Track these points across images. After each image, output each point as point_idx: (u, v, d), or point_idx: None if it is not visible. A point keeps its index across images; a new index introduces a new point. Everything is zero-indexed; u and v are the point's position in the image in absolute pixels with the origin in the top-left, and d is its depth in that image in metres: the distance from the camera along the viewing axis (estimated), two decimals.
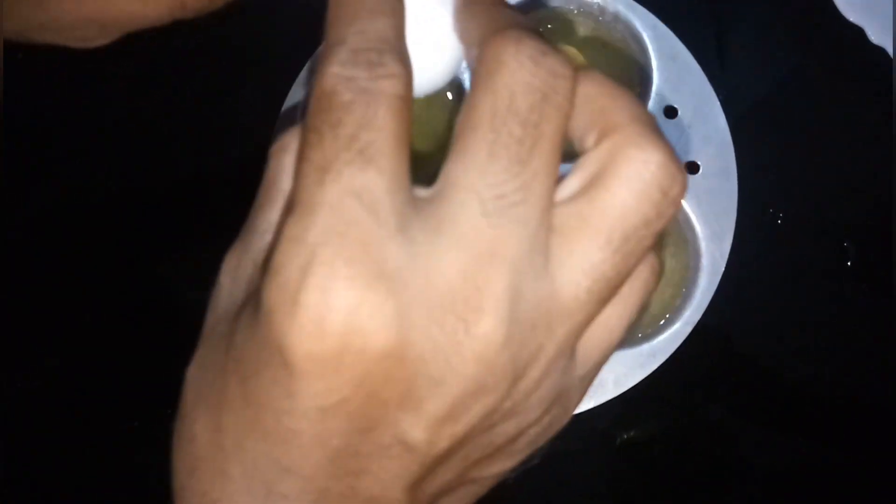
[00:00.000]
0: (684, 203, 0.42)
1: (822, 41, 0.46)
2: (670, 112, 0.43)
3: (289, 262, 0.17)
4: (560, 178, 0.19)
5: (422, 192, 0.18)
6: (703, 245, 0.42)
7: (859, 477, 0.43)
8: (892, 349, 0.43)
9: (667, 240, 0.44)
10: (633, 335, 0.43)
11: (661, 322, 0.43)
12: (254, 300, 0.19)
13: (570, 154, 0.44)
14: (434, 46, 0.22)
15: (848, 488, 0.43)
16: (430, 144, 0.46)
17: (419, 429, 0.18)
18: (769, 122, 0.45)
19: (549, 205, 0.18)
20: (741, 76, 0.46)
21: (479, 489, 0.23)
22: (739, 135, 0.43)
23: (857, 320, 0.44)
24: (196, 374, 0.21)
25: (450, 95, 0.45)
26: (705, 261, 0.42)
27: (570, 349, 0.20)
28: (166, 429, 0.47)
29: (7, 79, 0.51)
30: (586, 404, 0.42)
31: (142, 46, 0.50)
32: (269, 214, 0.21)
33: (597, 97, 0.19)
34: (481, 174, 0.18)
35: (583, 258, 0.18)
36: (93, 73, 0.50)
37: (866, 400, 0.44)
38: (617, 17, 0.44)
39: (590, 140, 0.19)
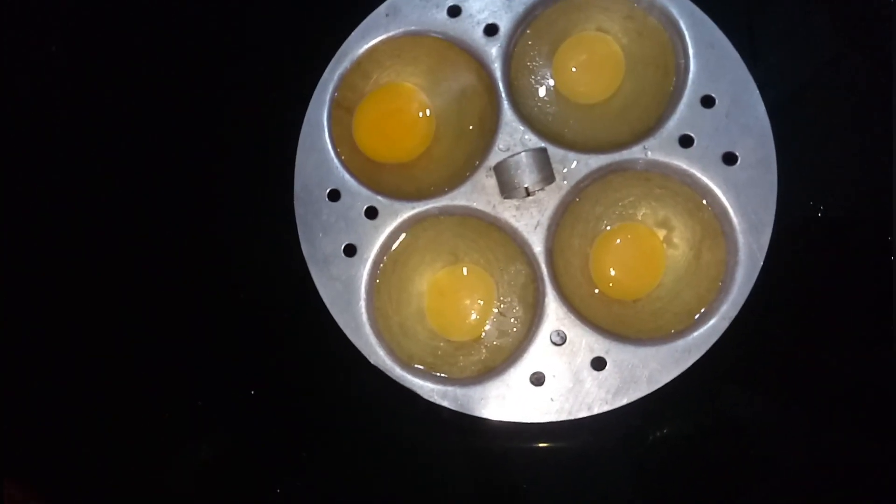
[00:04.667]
0: (721, 195, 0.41)
1: (866, 28, 0.44)
2: (707, 101, 0.42)
3: None
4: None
5: None
6: (741, 238, 0.41)
7: None
8: None
9: (703, 232, 0.42)
10: (666, 331, 0.42)
11: (697, 317, 0.42)
12: None
13: (601, 146, 0.43)
14: None
15: (891, 486, 0.42)
16: (459, 139, 0.45)
17: None
18: (810, 112, 0.44)
19: None
20: (782, 64, 0.44)
21: None
22: (779, 125, 0.41)
23: None
24: None
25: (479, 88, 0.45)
26: (743, 254, 0.41)
27: None
28: (197, 420, 0.48)
29: (40, 68, 0.51)
30: (619, 401, 0.41)
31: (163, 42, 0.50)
32: None
33: None
34: None
35: None
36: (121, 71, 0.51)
37: None
38: (652, 4, 0.43)
39: None
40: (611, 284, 0.43)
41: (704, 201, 0.42)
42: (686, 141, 0.42)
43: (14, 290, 0.49)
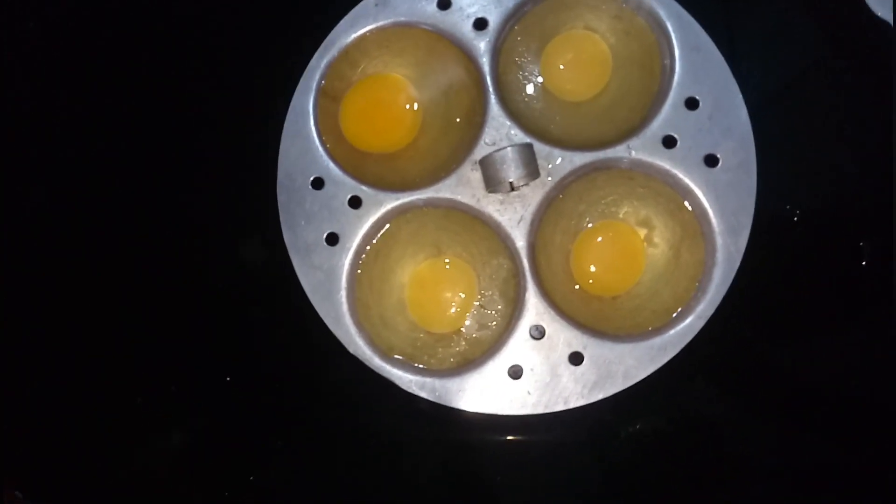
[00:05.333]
0: (702, 196, 0.42)
1: (847, 35, 0.45)
2: (691, 103, 0.42)
3: None
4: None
5: None
6: (720, 239, 0.42)
7: (869, 477, 0.43)
8: None
9: (683, 233, 0.43)
10: (644, 328, 0.43)
11: (674, 315, 0.42)
12: None
13: (586, 143, 0.43)
14: None
15: (858, 487, 0.43)
16: (446, 131, 0.45)
17: None
18: (791, 117, 0.45)
19: None
20: (764, 69, 0.45)
21: None
22: (760, 129, 0.42)
23: (870, 319, 0.44)
24: None
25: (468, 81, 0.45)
26: (721, 255, 0.42)
27: None
28: (172, 407, 0.47)
29: (25, 66, 0.50)
30: (595, 396, 0.42)
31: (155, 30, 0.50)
32: None
33: None
34: None
35: None
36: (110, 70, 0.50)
37: (879, 400, 0.43)
38: (640, 5, 0.44)
39: None
40: (591, 281, 0.44)
41: (685, 202, 0.43)
42: (669, 142, 0.42)
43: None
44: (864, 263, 0.44)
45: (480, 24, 0.44)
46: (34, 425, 0.48)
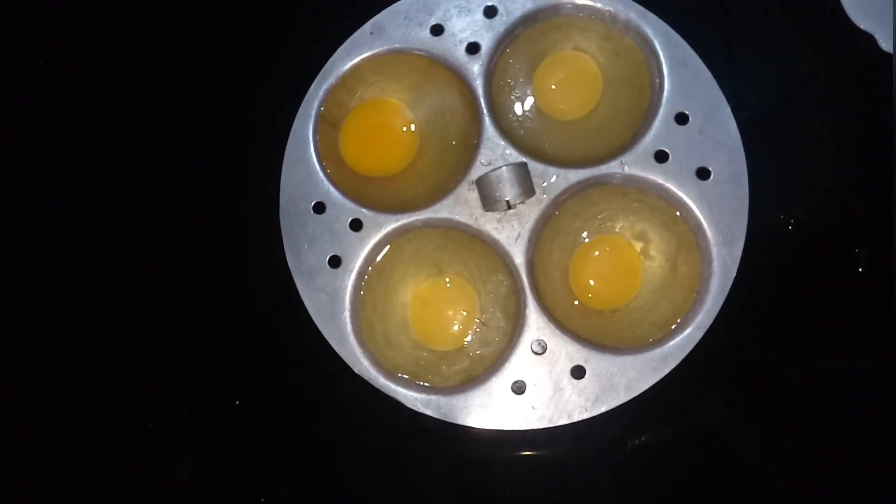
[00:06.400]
0: (695, 208, 0.43)
1: (833, 48, 0.46)
2: (681, 118, 0.43)
3: None
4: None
5: None
6: (715, 250, 0.42)
7: (871, 486, 0.43)
8: None
9: (679, 245, 0.44)
10: (644, 340, 0.43)
11: (673, 327, 0.43)
12: None
13: (580, 161, 0.44)
14: None
15: (859, 495, 0.43)
16: (442, 153, 0.46)
17: None
18: (780, 129, 0.46)
19: None
20: (752, 83, 0.46)
21: None
22: (750, 141, 0.43)
23: (867, 326, 0.44)
24: None
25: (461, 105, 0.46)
26: (717, 266, 0.42)
27: None
28: (182, 430, 0.48)
29: (27, 84, 0.52)
30: (598, 409, 0.42)
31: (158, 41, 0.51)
32: None
33: None
34: None
35: None
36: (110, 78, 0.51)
37: (879, 406, 0.43)
38: (628, 25, 0.45)
39: None
40: (590, 295, 0.44)
41: (679, 214, 0.44)
42: (661, 156, 0.43)
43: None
44: (860, 269, 0.44)
45: (473, 48, 0.45)
46: (44, 454, 0.48)
